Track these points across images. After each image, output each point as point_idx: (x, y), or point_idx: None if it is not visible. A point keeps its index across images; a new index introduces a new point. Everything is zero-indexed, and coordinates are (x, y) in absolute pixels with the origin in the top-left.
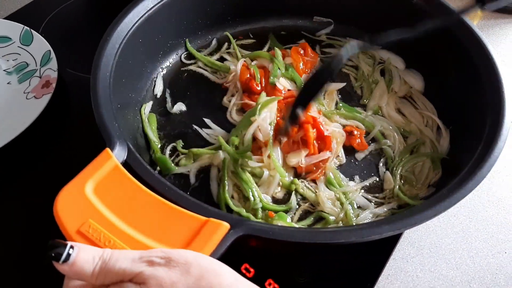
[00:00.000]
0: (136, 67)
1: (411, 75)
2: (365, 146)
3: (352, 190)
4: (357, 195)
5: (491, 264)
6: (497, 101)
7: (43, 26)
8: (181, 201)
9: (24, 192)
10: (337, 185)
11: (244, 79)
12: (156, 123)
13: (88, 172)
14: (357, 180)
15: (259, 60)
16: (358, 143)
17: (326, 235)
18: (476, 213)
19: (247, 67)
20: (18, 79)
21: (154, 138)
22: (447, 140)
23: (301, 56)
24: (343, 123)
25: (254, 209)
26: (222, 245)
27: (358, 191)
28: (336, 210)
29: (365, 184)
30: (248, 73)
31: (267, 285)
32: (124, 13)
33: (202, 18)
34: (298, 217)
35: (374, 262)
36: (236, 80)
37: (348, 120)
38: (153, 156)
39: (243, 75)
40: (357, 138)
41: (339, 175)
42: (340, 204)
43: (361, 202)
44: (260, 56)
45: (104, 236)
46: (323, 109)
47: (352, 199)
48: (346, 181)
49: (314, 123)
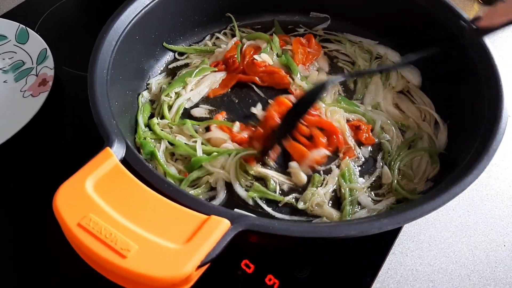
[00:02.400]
0: (133, 64)
1: (408, 70)
2: (373, 140)
3: (359, 188)
4: (362, 193)
5: (490, 257)
6: (495, 95)
7: (39, 24)
8: (180, 198)
9: (22, 190)
10: (348, 180)
11: (227, 56)
12: (149, 111)
13: (88, 169)
14: (366, 178)
15: (257, 41)
16: (366, 137)
17: (326, 229)
18: (475, 207)
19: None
20: (15, 77)
21: (142, 125)
22: (444, 135)
23: (303, 47)
24: (347, 117)
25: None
26: (222, 241)
27: (364, 189)
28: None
29: (372, 180)
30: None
31: (267, 281)
32: (121, 10)
33: (199, 15)
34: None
35: (374, 257)
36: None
37: (351, 114)
38: (136, 139)
39: (230, 52)
40: (365, 132)
41: (353, 171)
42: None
43: (364, 200)
44: (259, 37)
45: (105, 229)
46: (326, 101)
47: (356, 196)
48: (357, 178)
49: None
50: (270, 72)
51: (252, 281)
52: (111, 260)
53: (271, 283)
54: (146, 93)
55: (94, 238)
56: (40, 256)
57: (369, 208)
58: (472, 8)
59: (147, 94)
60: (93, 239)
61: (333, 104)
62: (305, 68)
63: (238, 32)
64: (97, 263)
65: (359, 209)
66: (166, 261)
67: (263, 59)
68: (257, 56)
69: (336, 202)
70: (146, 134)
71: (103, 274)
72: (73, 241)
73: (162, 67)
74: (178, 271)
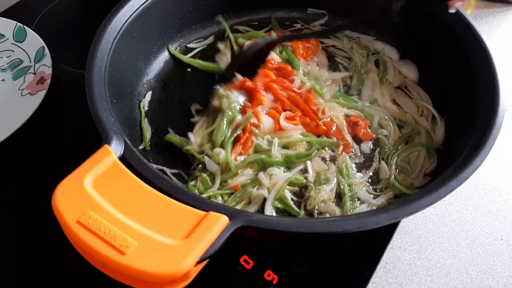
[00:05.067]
0: (131, 61)
1: (405, 66)
2: (370, 136)
3: (357, 183)
4: (361, 188)
5: (488, 251)
6: (491, 90)
7: (36, 22)
8: (179, 195)
9: (21, 188)
10: (346, 176)
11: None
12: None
13: (87, 166)
14: (363, 173)
15: (253, 40)
16: (364, 133)
17: (324, 224)
18: (472, 201)
19: None
20: (13, 76)
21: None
22: (442, 130)
23: (302, 42)
24: (346, 112)
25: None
26: (221, 237)
27: (363, 184)
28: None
29: (370, 175)
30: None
31: (266, 276)
32: (118, 8)
33: (196, 12)
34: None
35: (372, 251)
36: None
37: (350, 110)
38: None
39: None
40: (362, 128)
41: (350, 166)
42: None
43: (363, 196)
44: (256, 36)
45: (104, 226)
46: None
47: (355, 191)
48: (354, 173)
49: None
50: (279, 68)
51: (251, 277)
52: (110, 256)
53: (270, 278)
54: (148, 96)
55: (93, 235)
56: (39, 253)
57: (369, 203)
58: (469, 3)
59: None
60: (92, 236)
61: (332, 100)
62: (306, 63)
63: (231, 35)
64: (96, 260)
65: (359, 204)
66: (165, 257)
67: (272, 57)
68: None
69: (338, 199)
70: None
71: (102, 270)
72: (72, 238)
73: (160, 64)
74: (177, 267)
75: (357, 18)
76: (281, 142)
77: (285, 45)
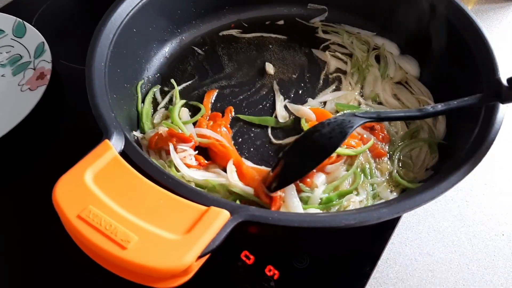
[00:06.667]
0: (131, 57)
1: (406, 61)
2: (388, 138)
3: (380, 182)
4: (383, 187)
5: (489, 246)
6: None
7: (36, 18)
8: (179, 190)
9: (21, 183)
10: (369, 175)
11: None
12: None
13: (87, 161)
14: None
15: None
16: (383, 136)
17: (325, 219)
18: (473, 196)
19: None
20: (12, 71)
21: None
22: (443, 124)
23: None
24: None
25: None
26: (222, 232)
27: (384, 182)
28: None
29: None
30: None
31: (267, 272)
32: (118, 3)
33: (196, 7)
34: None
35: (373, 247)
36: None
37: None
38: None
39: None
40: (379, 131)
41: (373, 166)
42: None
43: (384, 193)
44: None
45: (104, 221)
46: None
47: (378, 191)
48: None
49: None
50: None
51: (252, 272)
52: (111, 251)
53: (271, 273)
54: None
55: (94, 230)
56: (40, 248)
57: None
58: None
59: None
60: (93, 230)
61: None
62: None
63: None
64: (97, 254)
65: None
66: (166, 252)
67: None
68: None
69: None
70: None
71: (103, 265)
72: (73, 233)
73: (160, 59)
74: (178, 262)
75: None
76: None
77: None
